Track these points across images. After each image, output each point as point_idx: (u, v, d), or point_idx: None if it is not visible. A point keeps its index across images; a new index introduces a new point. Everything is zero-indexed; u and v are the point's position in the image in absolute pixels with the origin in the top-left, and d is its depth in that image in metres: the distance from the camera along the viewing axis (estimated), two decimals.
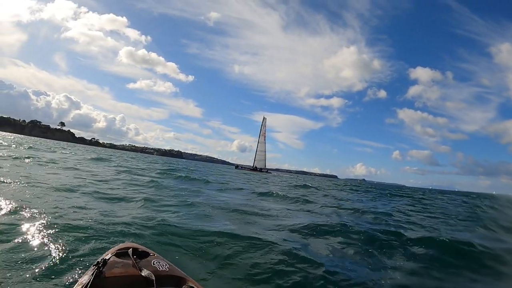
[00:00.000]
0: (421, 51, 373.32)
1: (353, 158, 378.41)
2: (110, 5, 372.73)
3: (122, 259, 1.69)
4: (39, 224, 4.85)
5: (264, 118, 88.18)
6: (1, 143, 31.16)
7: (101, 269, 1.65)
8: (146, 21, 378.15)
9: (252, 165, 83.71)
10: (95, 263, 1.68)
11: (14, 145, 30.30)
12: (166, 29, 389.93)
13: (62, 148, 46.14)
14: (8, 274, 3.31)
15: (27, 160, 16.07)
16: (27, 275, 3.30)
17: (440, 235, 7.12)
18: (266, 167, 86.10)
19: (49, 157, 21.20)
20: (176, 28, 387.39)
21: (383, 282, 4.22)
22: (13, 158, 16.34)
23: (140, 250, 1.66)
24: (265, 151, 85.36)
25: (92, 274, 1.64)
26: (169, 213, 7.20)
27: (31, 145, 34.78)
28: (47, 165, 15.25)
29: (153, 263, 1.63)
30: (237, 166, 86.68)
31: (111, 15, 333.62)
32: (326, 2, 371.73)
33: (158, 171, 22.46)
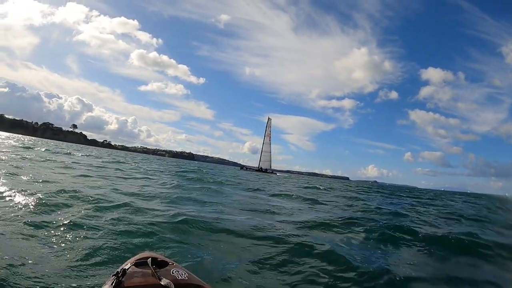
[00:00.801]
0: (432, 51, 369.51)
1: (365, 160, 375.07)
2: (121, 9, 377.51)
3: (141, 269, 1.68)
4: (62, 228, 4.96)
5: (269, 118, 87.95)
6: (16, 145, 31.87)
7: (120, 279, 1.67)
8: (157, 24, 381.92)
9: (258, 165, 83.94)
10: (115, 273, 1.69)
11: (35, 148, 31.19)
12: (177, 32, 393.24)
13: (76, 150, 47.00)
14: (23, 282, 3.21)
15: (46, 162, 16.70)
16: (45, 285, 3.23)
17: (450, 232, 7.38)
18: (272, 167, 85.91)
19: (67, 159, 21.94)
20: (186, 30, 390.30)
21: (397, 275, 4.46)
22: (32, 159, 17.00)
23: (159, 259, 1.66)
24: (270, 152, 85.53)
25: (112, 284, 1.67)
26: (194, 212, 7.60)
27: (47, 148, 35.69)
28: (68, 166, 15.91)
29: (172, 272, 1.62)
30: (242, 167, 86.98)
31: (122, 18, 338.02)
32: (336, 3, 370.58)
33: (174, 172, 23.07)
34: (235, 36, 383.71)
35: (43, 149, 30.78)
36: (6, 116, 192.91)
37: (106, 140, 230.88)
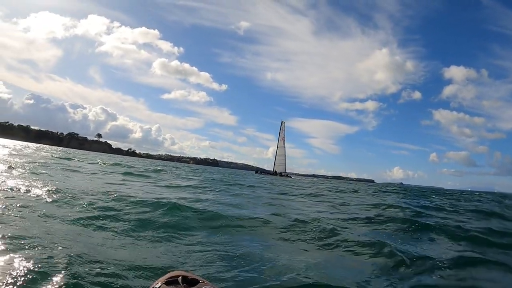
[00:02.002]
0: (454, 49, 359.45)
1: (390, 162, 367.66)
2: (142, 19, 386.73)
3: (172, 287, 1.67)
4: (101, 242, 5.03)
5: (282, 122, 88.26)
6: (52, 156, 33.44)
7: None
8: (178, 33, 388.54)
9: (272, 169, 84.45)
10: None
11: (73, 158, 32.82)
12: (198, 40, 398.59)
13: (107, 159, 48.75)
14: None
15: (88, 173, 18.40)
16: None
17: (472, 228, 8.28)
18: (287, 171, 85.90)
19: (108, 169, 23.57)
20: (207, 38, 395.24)
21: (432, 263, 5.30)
22: (74, 170, 18.52)
23: (189, 277, 1.62)
24: (285, 155, 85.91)
25: None
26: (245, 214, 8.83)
27: (80, 158, 37.38)
28: (111, 176, 17.47)
29: None
30: (257, 171, 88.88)
31: (143, 29, 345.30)
32: (356, 4, 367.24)
33: (211, 179, 24.73)
34: (256, 42, 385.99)
35: (77, 159, 32.61)
36: (32, 127, 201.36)
37: (130, 149, 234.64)
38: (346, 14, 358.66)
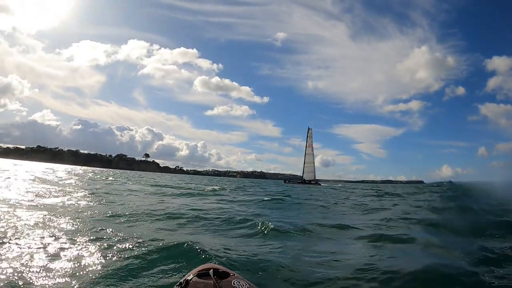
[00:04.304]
0: (494, 39, 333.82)
1: (438, 161, 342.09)
2: (179, 40, 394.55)
3: (203, 280, 1.60)
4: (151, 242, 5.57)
5: (309, 129, 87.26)
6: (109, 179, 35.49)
7: None
8: (216, 50, 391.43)
9: (309, 177, 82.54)
10: (178, 284, 1.66)
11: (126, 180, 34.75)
12: (236, 55, 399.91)
13: (171, 178, 50.48)
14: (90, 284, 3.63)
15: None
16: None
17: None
18: (317, 178, 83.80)
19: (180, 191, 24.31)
20: (245, 52, 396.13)
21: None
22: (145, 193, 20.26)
23: (220, 270, 1.60)
24: (313, 163, 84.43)
25: None
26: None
27: (146, 179, 38.83)
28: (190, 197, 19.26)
29: (233, 283, 1.54)
30: (285, 180, 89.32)
31: (182, 49, 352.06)
32: (390, 4, 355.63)
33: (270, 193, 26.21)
34: (294, 52, 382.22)
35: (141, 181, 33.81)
36: (81, 151, 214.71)
37: (178, 166, 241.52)
38: (381, 15, 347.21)
